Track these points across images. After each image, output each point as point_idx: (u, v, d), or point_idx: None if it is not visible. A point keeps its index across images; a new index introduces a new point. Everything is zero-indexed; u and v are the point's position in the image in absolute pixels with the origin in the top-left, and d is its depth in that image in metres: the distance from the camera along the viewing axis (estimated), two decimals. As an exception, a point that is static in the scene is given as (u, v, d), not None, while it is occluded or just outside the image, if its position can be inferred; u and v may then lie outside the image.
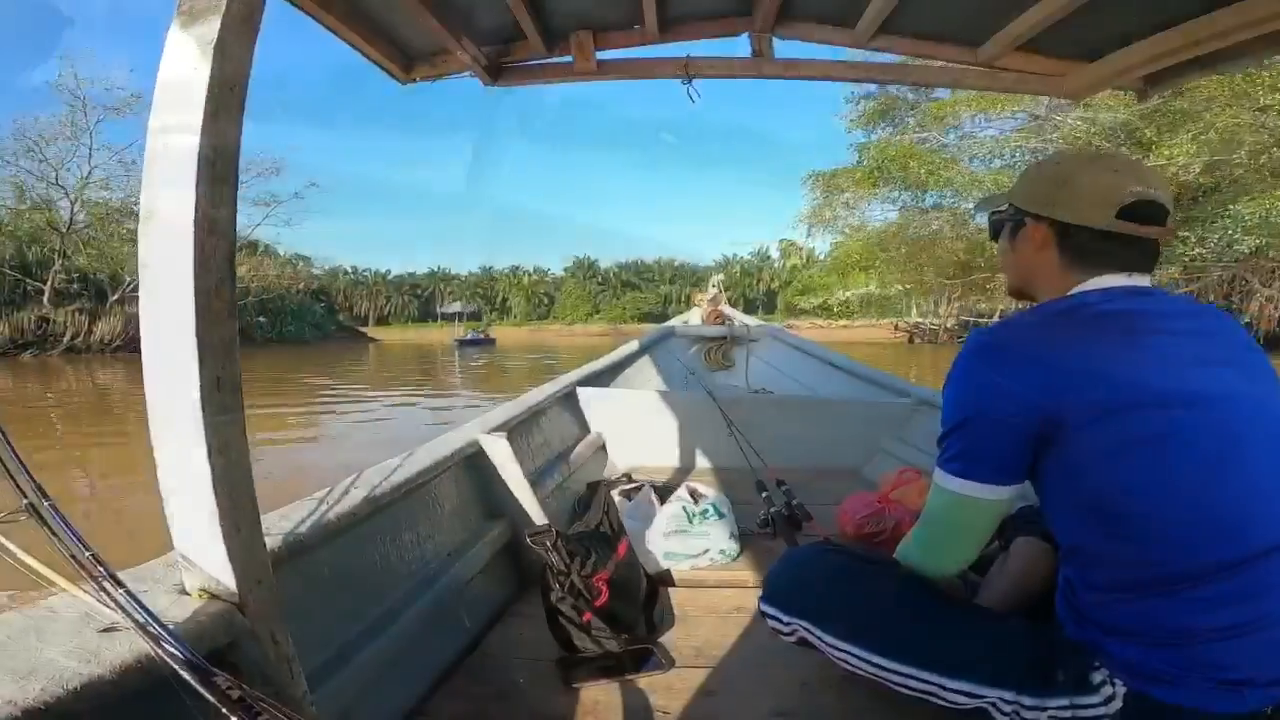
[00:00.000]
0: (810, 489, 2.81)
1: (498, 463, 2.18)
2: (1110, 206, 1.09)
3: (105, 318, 30.73)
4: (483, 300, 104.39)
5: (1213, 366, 1.03)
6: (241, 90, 0.85)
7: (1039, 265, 1.19)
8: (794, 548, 1.85)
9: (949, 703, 1.16)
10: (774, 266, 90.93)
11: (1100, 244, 1.11)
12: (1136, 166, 1.14)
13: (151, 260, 0.80)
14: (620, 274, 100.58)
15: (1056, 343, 1.05)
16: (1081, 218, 1.12)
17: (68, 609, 0.84)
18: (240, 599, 0.89)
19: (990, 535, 1.19)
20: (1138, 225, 1.09)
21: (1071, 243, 1.14)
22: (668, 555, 2.18)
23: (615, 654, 1.65)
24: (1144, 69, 1.96)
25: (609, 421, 3.52)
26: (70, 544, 0.78)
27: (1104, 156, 1.19)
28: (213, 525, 0.85)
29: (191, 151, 0.79)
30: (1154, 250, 1.13)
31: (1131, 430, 0.98)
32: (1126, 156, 1.23)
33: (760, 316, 55.43)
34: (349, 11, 1.73)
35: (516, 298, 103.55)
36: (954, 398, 1.13)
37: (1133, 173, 1.12)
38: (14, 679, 0.70)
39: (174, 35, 0.83)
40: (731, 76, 2.23)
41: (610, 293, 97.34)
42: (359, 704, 1.31)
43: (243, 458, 0.88)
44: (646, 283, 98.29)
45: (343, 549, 1.46)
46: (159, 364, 0.82)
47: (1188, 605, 0.96)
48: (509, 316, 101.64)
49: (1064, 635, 1.11)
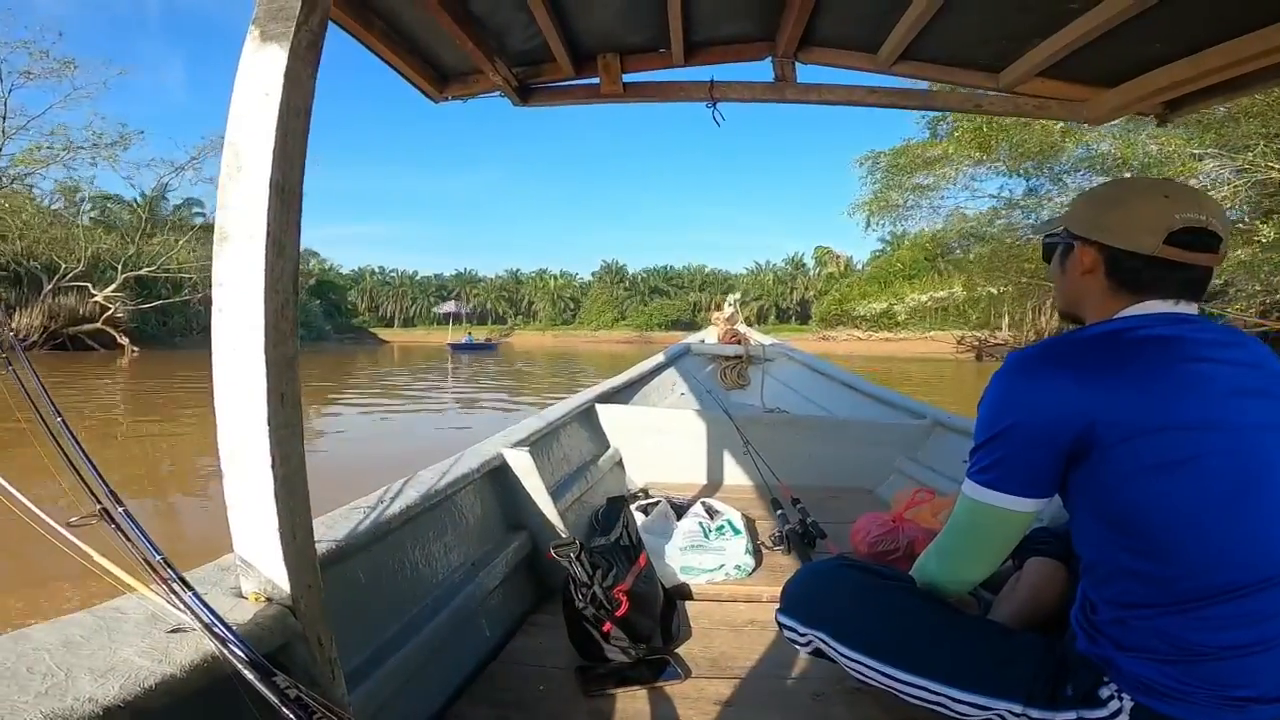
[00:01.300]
0: (824, 507, 2.83)
1: (520, 476, 2.21)
2: (1159, 233, 1.10)
3: (25, 311, 28.28)
4: (507, 303, 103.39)
5: (1249, 397, 1.05)
6: (307, 116, 0.90)
7: (1087, 289, 1.20)
8: (812, 561, 1.88)
9: (958, 714, 1.19)
10: (809, 275, 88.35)
11: (1148, 270, 1.12)
12: (1190, 193, 1.15)
13: (226, 280, 0.85)
14: (648, 279, 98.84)
15: (1095, 363, 1.07)
16: (1130, 243, 1.12)
17: (135, 610, 0.87)
18: (293, 603, 0.93)
19: (1010, 549, 1.22)
20: (1186, 252, 1.09)
21: (1119, 267, 1.14)
22: (685, 569, 2.21)
23: (633, 663, 1.68)
24: (1165, 95, 1.98)
25: (627, 438, 3.56)
26: (143, 547, 0.82)
27: (1158, 182, 1.20)
28: (271, 532, 0.89)
29: (264, 176, 0.83)
30: (1203, 278, 1.13)
31: (1161, 453, 1.01)
32: (1182, 183, 1.25)
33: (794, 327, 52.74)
34: (388, 33, 1.78)
35: (542, 302, 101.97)
36: (991, 410, 1.14)
37: (1185, 199, 1.12)
38: (93, 677, 0.73)
39: (247, 61, 0.87)
40: (755, 100, 2.27)
41: (638, 299, 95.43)
42: (388, 708, 1.34)
43: (301, 468, 0.92)
44: (675, 289, 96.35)
45: (376, 557, 1.50)
46: (230, 379, 0.86)
47: (1202, 624, 0.99)
48: (534, 321, 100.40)
49: (1074, 649, 1.14)
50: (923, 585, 1.32)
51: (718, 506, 2.59)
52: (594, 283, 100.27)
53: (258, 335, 0.84)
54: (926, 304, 30.86)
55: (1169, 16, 1.61)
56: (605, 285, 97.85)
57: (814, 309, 76.49)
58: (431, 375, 23.36)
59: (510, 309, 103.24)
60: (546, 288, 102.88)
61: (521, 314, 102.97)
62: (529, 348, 55.43)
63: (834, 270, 79.23)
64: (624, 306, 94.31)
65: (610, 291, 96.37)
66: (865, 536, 2.31)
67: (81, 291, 30.85)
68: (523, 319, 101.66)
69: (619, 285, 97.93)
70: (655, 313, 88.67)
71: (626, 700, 1.57)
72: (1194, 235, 1.10)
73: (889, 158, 23.17)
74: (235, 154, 0.86)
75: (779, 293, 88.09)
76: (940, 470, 3.09)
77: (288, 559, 0.90)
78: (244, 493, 0.88)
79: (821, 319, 62.08)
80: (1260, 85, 1.89)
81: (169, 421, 11.40)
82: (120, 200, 39.69)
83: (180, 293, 35.66)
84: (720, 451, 3.56)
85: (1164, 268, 1.11)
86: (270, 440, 0.85)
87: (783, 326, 77.70)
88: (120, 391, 16.09)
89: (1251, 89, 1.91)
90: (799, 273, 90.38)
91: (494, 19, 1.89)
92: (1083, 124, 2.19)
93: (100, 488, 0.83)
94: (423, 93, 2.11)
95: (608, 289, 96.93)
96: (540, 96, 2.28)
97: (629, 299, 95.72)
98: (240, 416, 0.86)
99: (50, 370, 18.69)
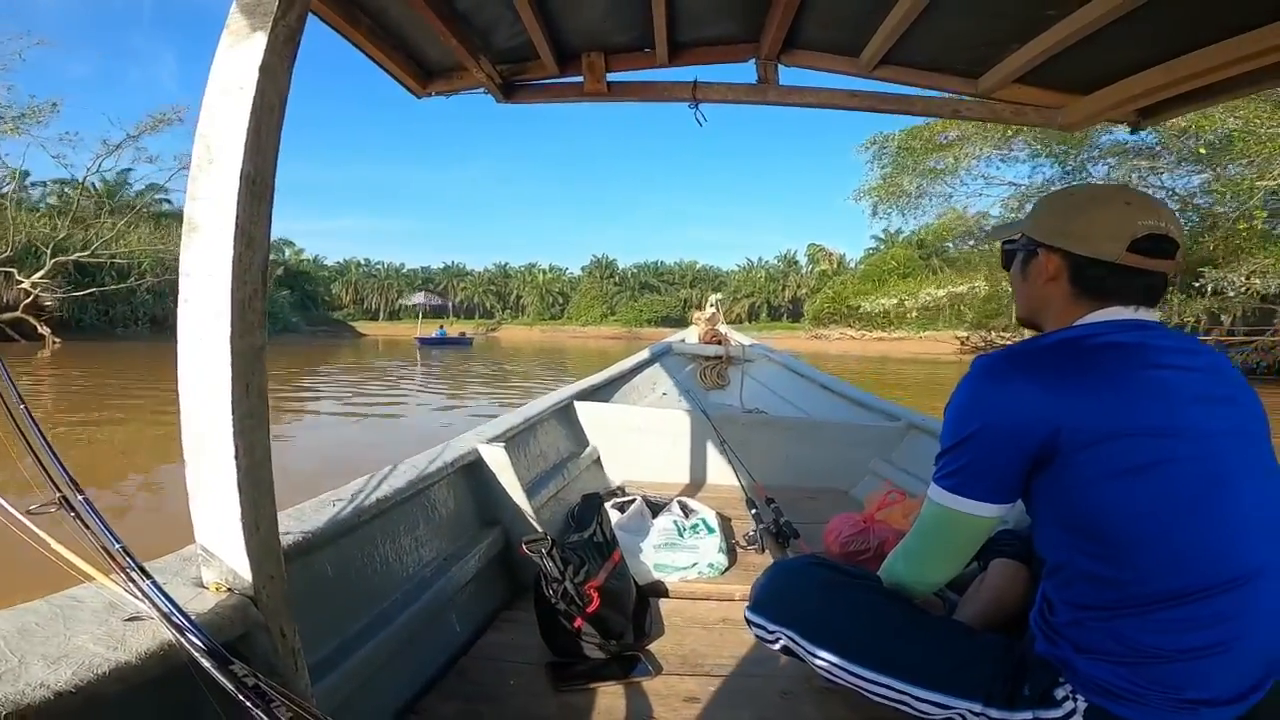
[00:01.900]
0: (799, 508, 2.85)
1: (494, 472, 2.22)
2: (1122, 240, 1.12)
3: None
4: (495, 297, 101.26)
5: (1210, 404, 1.07)
6: (281, 110, 0.90)
7: (1049, 296, 1.22)
8: (781, 560, 1.89)
9: (920, 712, 1.21)
10: (801, 272, 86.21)
11: (1111, 277, 1.14)
12: (1149, 200, 1.17)
13: (193, 270, 0.85)
14: (638, 275, 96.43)
15: (1058, 370, 1.09)
16: (1094, 250, 1.14)
17: (92, 598, 0.88)
18: (255, 593, 0.93)
19: (974, 553, 1.24)
20: (1147, 259, 1.12)
21: (1082, 275, 1.17)
22: (658, 567, 2.22)
23: (604, 660, 1.70)
24: (1139, 102, 2.01)
25: (605, 435, 3.57)
26: (102, 536, 0.82)
27: (1118, 190, 1.22)
28: (234, 522, 0.89)
29: (234, 168, 0.84)
30: (1162, 284, 1.15)
31: (1123, 459, 1.03)
32: (1139, 191, 1.27)
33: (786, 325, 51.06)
34: (373, 29, 1.78)
35: (530, 296, 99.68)
36: (956, 415, 1.16)
37: (1145, 206, 1.14)
38: (46, 663, 0.73)
39: (222, 55, 0.88)
40: (737, 101, 2.28)
41: (627, 294, 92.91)
42: (355, 700, 1.34)
43: (265, 460, 0.92)
44: (666, 285, 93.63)
45: (344, 550, 1.50)
46: (194, 368, 0.86)
47: (1159, 626, 1.01)
48: (522, 315, 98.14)
49: (1033, 650, 1.16)
50: (889, 585, 1.34)
51: (693, 505, 2.61)
52: (584, 277, 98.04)
53: (224, 325, 0.84)
54: (942, 299, 28.93)
55: (1143, 24, 1.63)
56: (595, 280, 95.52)
57: (806, 307, 73.72)
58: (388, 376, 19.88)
59: (498, 303, 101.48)
60: (535, 282, 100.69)
61: (509, 308, 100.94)
62: (516, 342, 53.57)
63: (826, 268, 78.07)
64: (613, 302, 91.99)
65: (600, 287, 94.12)
66: (837, 537, 2.33)
67: (8, 278, 28.47)
68: (510, 313, 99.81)
69: (609, 280, 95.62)
70: (645, 308, 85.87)
71: (597, 696, 1.58)
72: (1154, 242, 1.12)
73: (900, 139, 22.02)
74: (206, 146, 0.86)
75: (771, 290, 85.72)
76: (913, 472, 3.12)
77: (250, 549, 0.91)
78: (207, 483, 0.88)
79: (814, 317, 60.44)
80: (1233, 92, 1.92)
81: (90, 423, 9.67)
82: (76, 184, 36.62)
83: (126, 281, 32.82)
84: (698, 451, 3.57)
85: (1127, 274, 1.13)
86: (234, 430, 0.86)
87: (774, 325, 76.15)
88: (29, 388, 13.58)
89: (1224, 96, 1.95)
90: (791, 270, 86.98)
91: (479, 16, 1.90)
92: (1059, 130, 2.22)
93: (60, 475, 0.83)
94: (406, 88, 2.12)
95: (597, 284, 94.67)
96: (524, 94, 2.29)
97: (619, 294, 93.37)
98: (204, 406, 0.86)
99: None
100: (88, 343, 28.34)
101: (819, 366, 5.42)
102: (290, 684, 0.98)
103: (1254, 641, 1.01)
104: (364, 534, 1.59)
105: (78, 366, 18.10)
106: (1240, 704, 1.01)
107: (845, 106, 2.27)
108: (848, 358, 33.72)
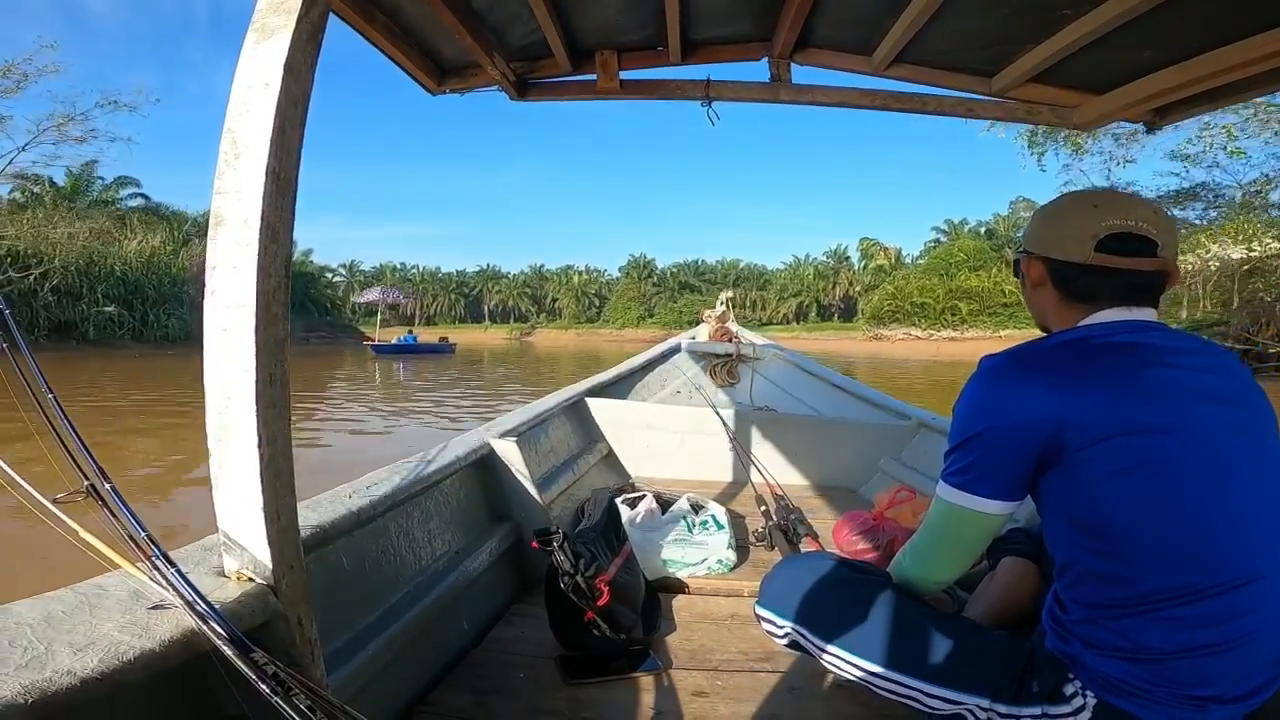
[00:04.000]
0: (808, 505, 2.86)
1: (506, 466, 2.24)
2: (1087, 240, 1.14)
3: None
4: (530, 300, 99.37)
5: (1214, 403, 1.08)
6: (305, 106, 0.92)
7: (1042, 301, 1.25)
8: (791, 556, 1.90)
9: (929, 708, 1.21)
10: (853, 269, 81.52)
11: (1085, 278, 1.16)
12: (1120, 200, 1.19)
13: (219, 263, 0.86)
14: (678, 274, 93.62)
15: (1062, 369, 1.10)
16: (1064, 253, 1.17)
17: (117, 586, 0.89)
18: (275, 582, 0.95)
19: (983, 551, 1.25)
20: (1118, 258, 1.13)
21: (1061, 278, 1.19)
22: (667, 562, 2.23)
23: (613, 653, 1.71)
24: (1153, 102, 2.01)
25: (615, 431, 3.58)
26: (128, 524, 0.83)
27: (1091, 193, 1.24)
28: (256, 512, 0.90)
29: (260, 163, 0.85)
30: (1149, 283, 1.16)
31: (1127, 457, 1.03)
32: (1116, 191, 1.28)
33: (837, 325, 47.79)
34: (390, 27, 1.80)
35: (566, 298, 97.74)
36: (964, 414, 1.17)
37: (1113, 206, 1.16)
38: (72, 651, 0.75)
39: (247, 52, 0.89)
40: (750, 100, 2.29)
41: (666, 295, 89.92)
42: (368, 690, 1.36)
43: (287, 449, 0.93)
44: (708, 285, 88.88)
45: (359, 541, 1.51)
46: (219, 359, 0.88)
47: (1169, 624, 1.02)
48: (558, 318, 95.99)
49: (1043, 647, 1.16)
50: (898, 583, 1.35)
51: (703, 502, 2.62)
52: (621, 279, 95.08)
53: (249, 317, 0.86)
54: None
55: (1159, 24, 1.63)
56: (632, 281, 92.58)
57: (861, 305, 70.56)
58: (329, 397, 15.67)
59: (533, 306, 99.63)
60: (571, 284, 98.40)
61: (545, 311, 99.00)
62: (551, 347, 49.51)
63: (884, 262, 74.46)
64: (652, 303, 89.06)
65: (638, 288, 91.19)
66: (847, 534, 2.33)
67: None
68: (546, 317, 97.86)
69: (647, 281, 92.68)
70: (685, 309, 79.64)
71: (606, 690, 1.59)
72: (1121, 241, 1.13)
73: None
74: (233, 141, 0.88)
75: (820, 288, 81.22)
76: (923, 470, 3.12)
77: (271, 538, 0.92)
78: (230, 471, 0.89)
79: (873, 316, 55.77)
80: (1248, 93, 1.92)
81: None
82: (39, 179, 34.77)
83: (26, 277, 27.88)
84: (708, 448, 3.58)
85: (1100, 274, 1.15)
86: (258, 420, 0.87)
87: (825, 325, 72.51)
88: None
89: (1239, 96, 1.95)
90: (843, 267, 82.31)
91: (494, 14, 1.91)
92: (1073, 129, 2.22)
93: (88, 464, 0.85)
94: (420, 85, 2.13)
95: (635, 285, 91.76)
96: (537, 92, 2.30)
97: (657, 295, 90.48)
98: (228, 396, 0.88)
99: None
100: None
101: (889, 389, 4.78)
102: (306, 673, 0.99)
103: (1263, 639, 1.01)
104: (378, 526, 1.60)
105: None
106: (1249, 701, 1.02)
107: (858, 105, 2.28)
108: (911, 364, 29.52)
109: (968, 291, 47.12)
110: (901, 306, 51.17)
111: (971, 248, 39.39)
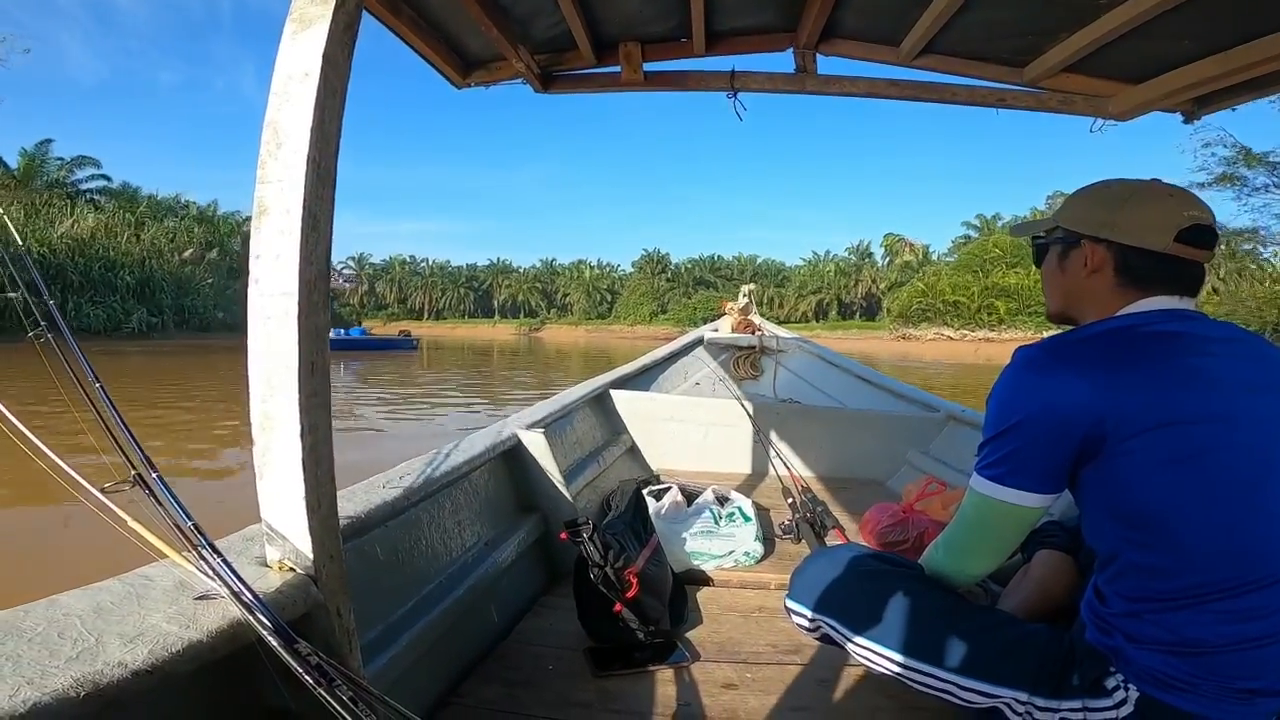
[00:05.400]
0: (835, 498, 2.85)
1: (534, 457, 2.24)
2: (1170, 230, 1.12)
3: None
4: (540, 295, 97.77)
5: (1256, 392, 1.06)
6: (343, 96, 0.92)
7: (1091, 288, 1.21)
8: (821, 548, 1.89)
9: (964, 701, 1.20)
10: (877, 265, 78.80)
11: (1158, 267, 1.14)
12: (1187, 193, 1.17)
13: (263, 252, 0.87)
14: (693, 269, 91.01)
15: (1105, 359, 1.08)
16: (1141, 240, 1.14)
17: (162, 576, 0.90)
18: (315, 572, 0.95)
19: (1018, 544, 1.23)
20: (1194, 249, 1.12)
21: (1128, 265, 1.16)
22: (694, 555, 2.23)
23: (642, 645, 1.71)
24: (1193, 92, 1.97)
25: (640, 423, 3.59)
26: (175, 514, 0.84)
27: (1156, 183, 1.22)
28: (297, 500, 0.91)
29: (302, 152, 0.86)
30: (1202, 275, 1.15)
31: (1173, 447, 1.02)
32: (1174, 184, 1.26)
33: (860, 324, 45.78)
34: (415, 19, 1.80)
35: (576, 293, 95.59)
36: (1000, 405, 1.15)
37: (1188, 198, 1.15)
38: (122, 642, 0.75)
39: (286, 43, 0.90)
40: (776, 91, 2.27)
41: (680, 290, 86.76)
42: (402, 682, 1.37)
43: (327, 439, 0.94)
44: (724, 281, 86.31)
45: (393, 532, 1.52)
46: (263, 348, 0.88)
47: (1214, 617, 1.00)
48: (568, 314, 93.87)
49: (1082, 640, 1.15)
50: (930, 576, 1.34)
51: (728, 494, 2.61)
52: (634, 273, 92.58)
53: (292, 305, 0.86)
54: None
55: (1198, 14, 1.60)
56: (645, 276, 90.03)
57: (886, 303, 67.50)
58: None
59: (543, 301, 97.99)
60: (582, 278, 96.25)
61: (555, 306, 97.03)
62: (560, 343, 48.25)
63: (910, 259, 72.28)
64: (665, 299, 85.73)
65: (651, 283, 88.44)
66: (875, 527, 2.32)
67: None
68: (556, 312, 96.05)
69: (661, 276, 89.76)
70: (700, 306, 74.72)
71: (635, 682, 1.60)
72: (1198, 233, 1.12)
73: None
74: (275, 132, 0.88)
75: (841, 285, 77.79)
76: (952, 463, 3.10)
77: (312, 528, 0.92)
78: (274, 461, 0.90)
79: (900, 314, 53.39)
80: None
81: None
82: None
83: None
84: (732, 440, 3.58)
85: (1172, 264, 1.13)
86: (300, 409, 0.88)
87: (848, 323, 69.94)
88: None
89: None
90: (865, 263, 79.41)
91: (519, 6, 1.91)
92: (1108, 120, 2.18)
93: (135, 454, 0.85)
94: (446, 78, 2.14)
95: (648, 280, 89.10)
96: (561, 84, 2.30)
97: (671, 291, 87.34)
98: (271, 385, 0.88)
99: None
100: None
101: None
102: (345, 664, 1.00)
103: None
104: (410, 517, 1.61)
105: None
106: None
107: (885, 96, 2.25)
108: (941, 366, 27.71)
109: (1005, 289, 45.41)
110: (933, 305, 49.23)
111: (1008, 243, 37.81)
